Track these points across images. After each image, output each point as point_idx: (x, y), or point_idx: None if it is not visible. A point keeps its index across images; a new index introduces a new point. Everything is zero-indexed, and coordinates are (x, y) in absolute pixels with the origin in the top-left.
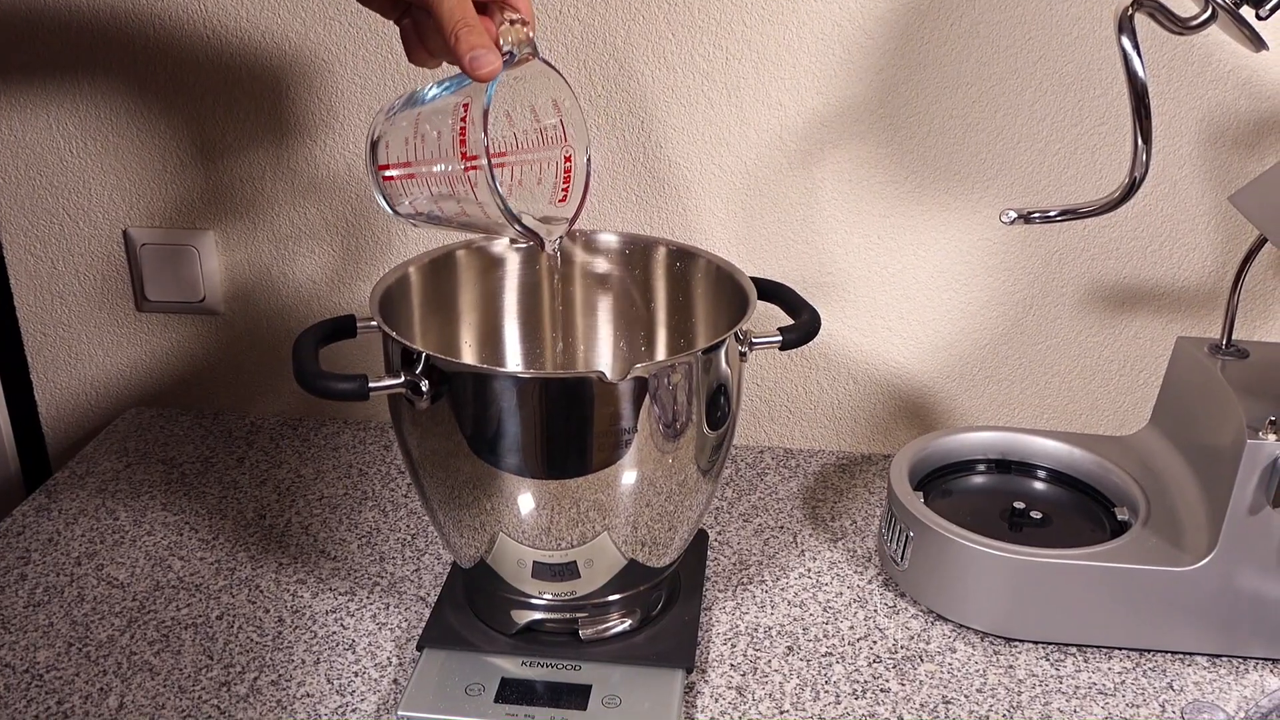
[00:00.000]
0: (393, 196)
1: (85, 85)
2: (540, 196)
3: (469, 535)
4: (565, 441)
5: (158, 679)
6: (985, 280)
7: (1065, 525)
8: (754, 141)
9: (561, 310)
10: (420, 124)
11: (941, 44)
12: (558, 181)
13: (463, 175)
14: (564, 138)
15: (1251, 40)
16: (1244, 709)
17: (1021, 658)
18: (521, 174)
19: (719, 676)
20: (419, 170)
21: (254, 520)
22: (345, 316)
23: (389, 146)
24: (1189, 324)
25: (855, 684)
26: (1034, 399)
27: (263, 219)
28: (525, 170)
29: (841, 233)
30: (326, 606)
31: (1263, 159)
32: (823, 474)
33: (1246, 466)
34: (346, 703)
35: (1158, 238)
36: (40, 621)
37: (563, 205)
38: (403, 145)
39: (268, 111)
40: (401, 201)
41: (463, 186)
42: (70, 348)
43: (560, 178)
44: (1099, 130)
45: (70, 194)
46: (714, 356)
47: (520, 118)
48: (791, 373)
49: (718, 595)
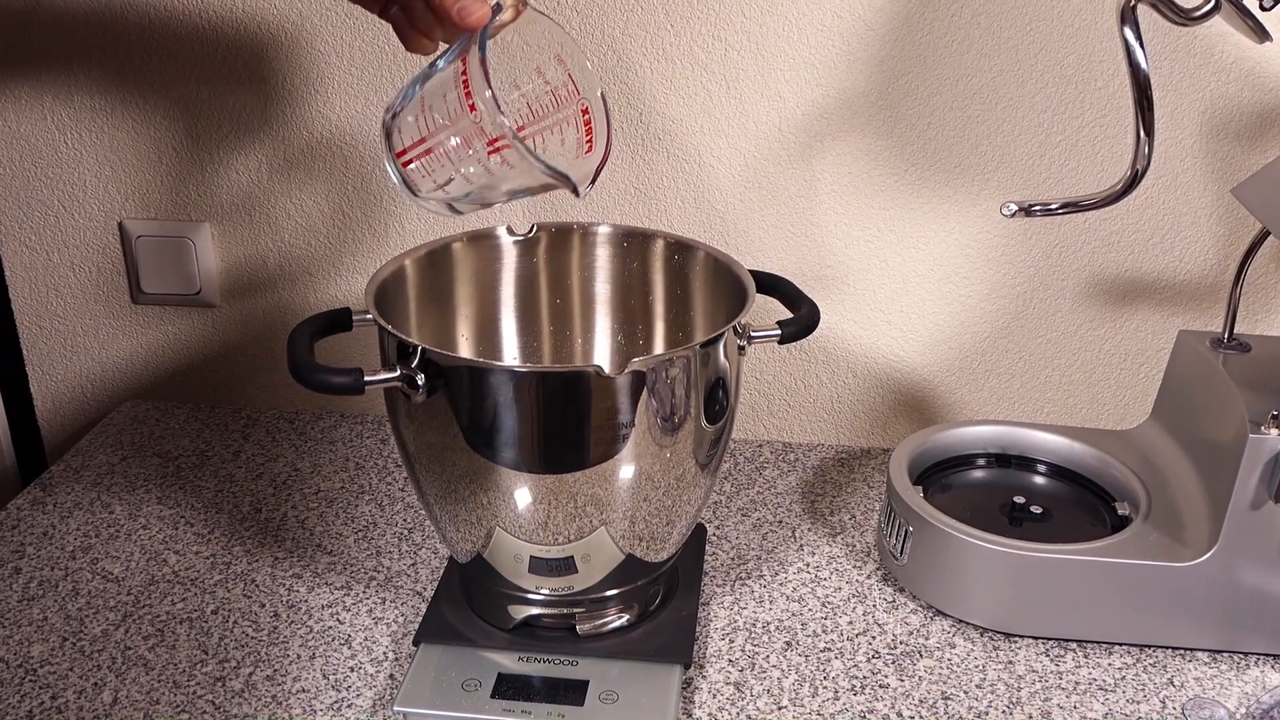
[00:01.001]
0: (415, 182)
1: (80, 77)
2: (566, 155)
3: (466, 530)
4: (562, 436)
5: (152, 674)
6: (986, 273)
7: (1065, 520)
8: (753, 134)
9: (559, 303)
10: (427, 100)
11: (942, 35)
12: (580, 136)
13: (475, 129)
14: (575, 92)
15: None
16: (1245, 705)
17: (1021, 653)
18: (545, 142)
19: (717, 672)
20: (435, 142)
21: (250, 514)
22: (341, 309)
23: (401, 131)
24: (1190, 317)
25: (854, 679)
26: (1034, 393)
27: (259, 211)
28: (548, 137)
29: (841, 226)
30: (322, 601)
31: (1266, 151)
32: (822, 468)
33: (1248, 461)
34: (342, 698)
35: (1159, 231)
36: (34, 616)
37: (589, 155)
38: (413, 125)
39: (263, 103)
40: (425, 183)
41: (478, 140)
42: (66, 340)
43: (582, 132)
44: (1100, 122)
45: (65, 186)
46: (712, 350)
47: (529, 83)
48: (791, 366)
49: (716, 590)
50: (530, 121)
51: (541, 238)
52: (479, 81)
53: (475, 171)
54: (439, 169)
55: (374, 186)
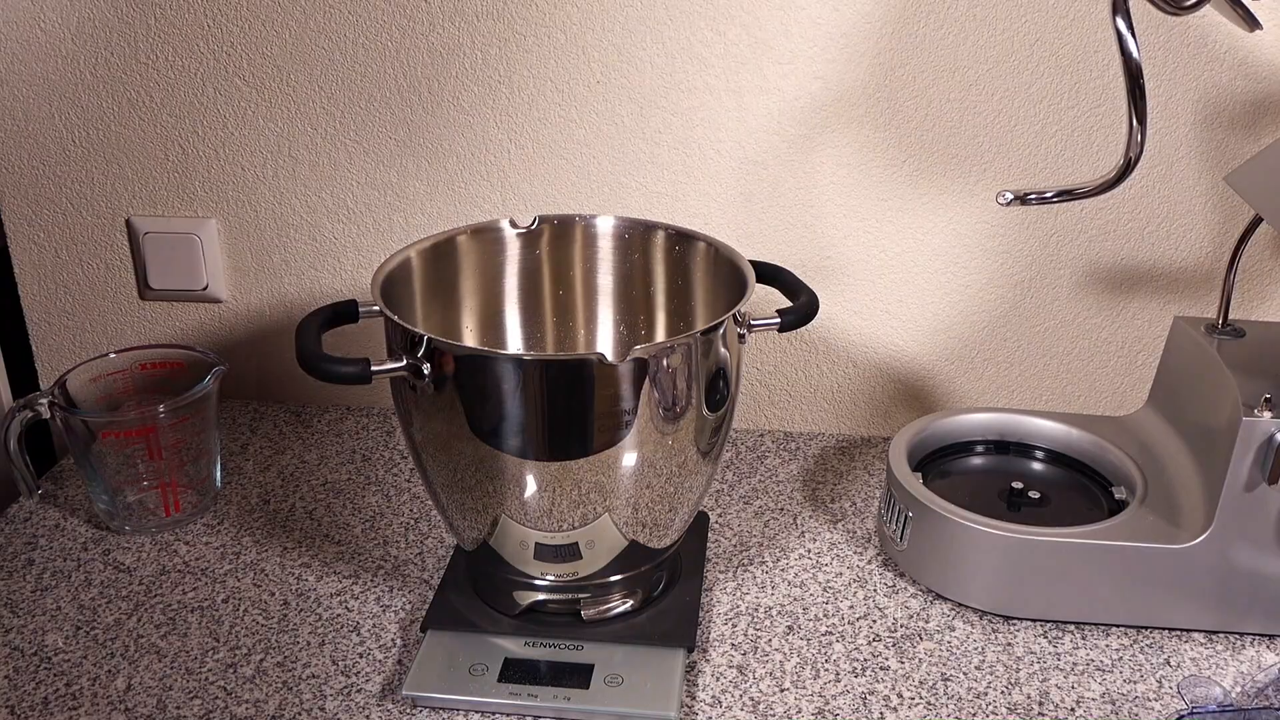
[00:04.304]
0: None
1: (87, 75)
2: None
3: (471, 518)
4: (566, 423)
5: (164, 661)
6: (984, 263)
7: (1063, 504)
8: (752, 126)
9: (562, 295)
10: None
11: (938, 27)
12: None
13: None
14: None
15: (1245, 20)
16: (1240, 684)
17: (1020, 635)
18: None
19: (720, 656)
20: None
21: (258, 505)
22: (347, 301)
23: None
24: (1186, 304)
25: (855, 662)
26: (1032, 380)
27: (265, 206)
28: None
29: (840, 216)
30: (331, 589)
31: (1259, 139)
32: (822, 457)
33: (1242, 444)
34: (352, 683)
35: (1155, 219)
36: (48, 605)
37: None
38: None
39: (269, 99)
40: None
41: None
42: (74, 336)
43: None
44: (1096, 112)
45: (73, 183)
46: (713, 338)
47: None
48: (791, 357)
49: (719, 576)
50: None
51: (544, 230)
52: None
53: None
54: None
55: (379, 181)
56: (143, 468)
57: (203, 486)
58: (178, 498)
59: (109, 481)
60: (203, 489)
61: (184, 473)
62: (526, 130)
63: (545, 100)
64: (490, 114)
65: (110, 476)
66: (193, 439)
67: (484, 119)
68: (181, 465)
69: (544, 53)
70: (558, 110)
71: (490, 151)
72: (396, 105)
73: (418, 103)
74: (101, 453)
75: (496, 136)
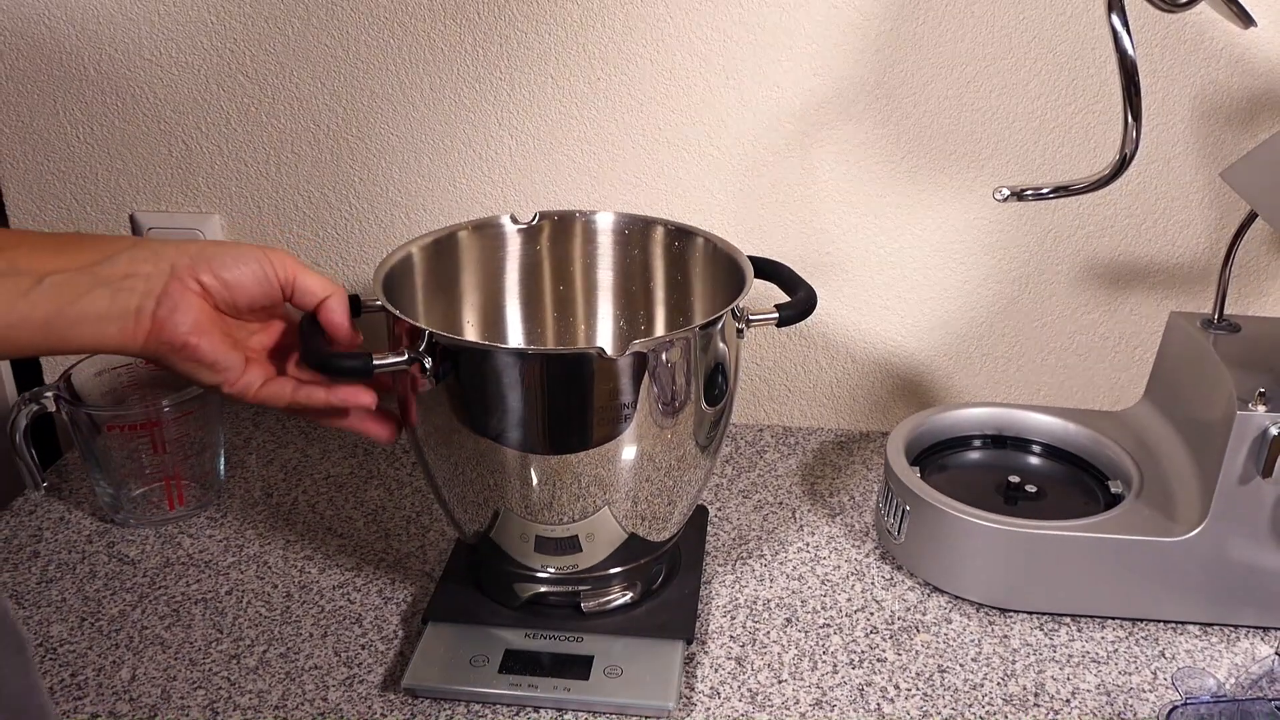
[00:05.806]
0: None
1: (90, 70)
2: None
3: (473, 511)
4: (566, 417)
5: (169, 652)
6: (981, 258)
7: (1059, 498)
8: (751, 123)
9: (562, 290)
10: None
11: (937, 24)
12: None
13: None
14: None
15: (1240, 17)
16: (1234, 676)
17: (1016, 628)
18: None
19: (719, 647)
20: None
21: (261, 499)
22: (350, 297)
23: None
24: (1182, 299)
25: (852, 654)
26: (1029, 375)
27: (268, 202)
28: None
29: (838, 212)
30: (334, 582)
31: (1254, 135)
32: (821, 451)
33: (1237, 437)
34: (354, 674)
35: (1151, 214)
36: (53, 597)
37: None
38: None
39: (272, 95)
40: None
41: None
42: None
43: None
44: (1093, 108)
45: (76, 178)
46: (711, 332)
47: None
48: (790, 352)
49: (718, 569)
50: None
51: (544, 226)
52: None
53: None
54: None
55: (381, 177)
56: (147, 461)
57: (206, 480)
58: (181, 491)
59: (113, 475)
60: (206, 482)
61: (188, 466)
62: (527, 127)
63: (546, 97)
64: (491, 111)
65: (115, 470)
66: (197, 433)
67: (485, 116)
68: (185, 459)
69: (544, 50)
70: (558, 107)
71: (491, 148)
72: (398, 101)
73: (419, 99)
74: (106, 446)
75: (497, 133)
